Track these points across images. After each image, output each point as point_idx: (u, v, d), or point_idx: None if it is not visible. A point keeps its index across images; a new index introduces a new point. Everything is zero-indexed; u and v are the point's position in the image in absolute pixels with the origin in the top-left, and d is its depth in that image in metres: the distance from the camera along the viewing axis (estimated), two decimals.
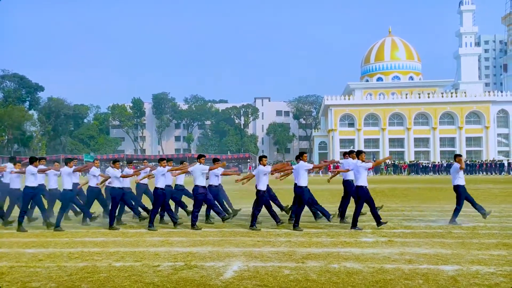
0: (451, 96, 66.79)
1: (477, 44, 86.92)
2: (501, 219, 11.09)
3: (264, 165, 10.22)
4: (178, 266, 6.56)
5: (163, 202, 10.51)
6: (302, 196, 9.97)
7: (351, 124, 68.80)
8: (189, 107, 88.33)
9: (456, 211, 10.54)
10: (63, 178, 10.65)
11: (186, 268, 6.44)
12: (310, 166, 10.33)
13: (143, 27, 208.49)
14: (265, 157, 10.57)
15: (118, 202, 10.61)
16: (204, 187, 10.47)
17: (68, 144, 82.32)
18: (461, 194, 10.54)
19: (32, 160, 10.55)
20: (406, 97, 67.49)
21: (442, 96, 66.98)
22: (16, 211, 11.21)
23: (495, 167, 51.22)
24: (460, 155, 10.93)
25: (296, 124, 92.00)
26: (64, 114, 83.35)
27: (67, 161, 11.00)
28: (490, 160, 54.21)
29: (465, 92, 67.53)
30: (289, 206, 11.29)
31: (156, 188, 10.44)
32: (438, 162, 55.32)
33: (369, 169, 10.23)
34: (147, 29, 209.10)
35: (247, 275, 6.02)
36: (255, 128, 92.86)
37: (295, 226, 9.83)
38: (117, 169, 10.74)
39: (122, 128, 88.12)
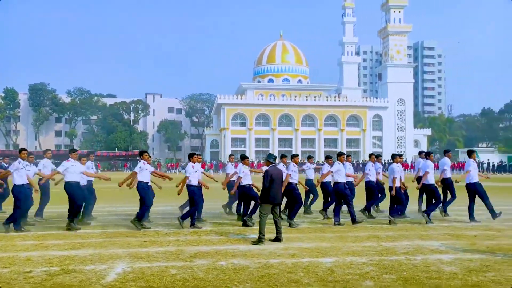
0: (335, 100, 71.84)
1: (357, 53, 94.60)
2: (374, 214, 12.15)
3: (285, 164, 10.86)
4: (54, 271, 6.04)
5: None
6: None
7: (243, 124, 70.26)
8: (73, 100, 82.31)
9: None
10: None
11: (62, 273, 5.95)
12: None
13: (24, 15, 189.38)
14: (286, 156, 11.12)
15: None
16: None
17: None
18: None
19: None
20: (295, 99, 70.94)
21: (327, 100, 71.74)
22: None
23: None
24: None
25: (189, 122, 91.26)
26: None
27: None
28: (366, 160, 59.47)
29: (346, 97, 73.13)
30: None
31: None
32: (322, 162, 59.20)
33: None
34: (28, 18, 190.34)
35: (131, 277, 5.77)
36: (145, 124, 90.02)
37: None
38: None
39: None
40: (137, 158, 65.65)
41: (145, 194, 9.74)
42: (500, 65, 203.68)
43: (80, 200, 9.70)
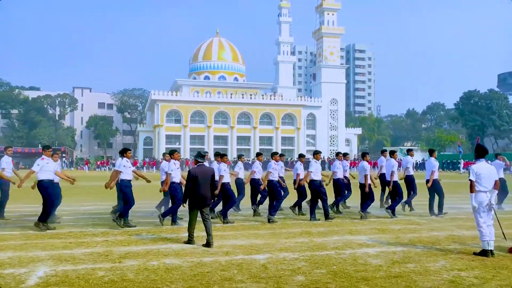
0: (270, 99, 72.82)
1: (293, 53, 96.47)
2: (306, 210, 12.38)
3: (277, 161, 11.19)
4: None
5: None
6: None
7: (178, 120, 69.13)
8: None
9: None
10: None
11: None
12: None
13: None
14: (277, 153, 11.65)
15: None
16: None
17: None
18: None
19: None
20: (231, 97, 70.99)
21: (263, 98, 72.54)
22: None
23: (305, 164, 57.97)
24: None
25: (120, 117, 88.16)
26: None
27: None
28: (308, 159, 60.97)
29: (281, 96, 74.42)
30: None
31: None
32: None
33: None
34: None
35: (54, 281, 5.44)
36: (73, 120, 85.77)
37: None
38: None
39: None
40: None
41: (129, 192, 9.62)
42: (423, 69, 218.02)
43: (53, 200, 9.36)
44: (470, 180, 7.00)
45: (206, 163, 12.03)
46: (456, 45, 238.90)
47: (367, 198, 11.28)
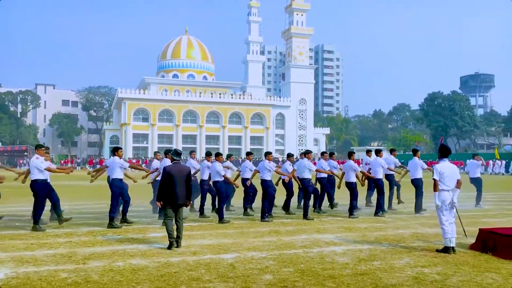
0: (239, 98, 72.78)
1: (262, 53, 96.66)
2: (275, 209, 12.42)
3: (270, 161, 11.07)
4: None
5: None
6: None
7: (146, 119, 68.10)
8: None
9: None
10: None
11: None
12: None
13: None
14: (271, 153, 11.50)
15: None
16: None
17: None
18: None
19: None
20: (200, 96, 70.49)
21: (232, 97, 72.40)
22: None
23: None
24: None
25: (86, 115, 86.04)
26: None
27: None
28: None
29: (251, 95, 74.51)
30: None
31: None
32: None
33: None
34: None
35: (15, 283, 5.25)
36: (35, 117, 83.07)
37: None
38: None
39: None
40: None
41: (117, 191, 9.73)
42: (390, 70, 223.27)
43: (44, 199, 9.33)
44: (433, 179, 7.18)
45: (192, 160, 12.04)
46: (421, 47, 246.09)
47: (352, 198, 11.47)
